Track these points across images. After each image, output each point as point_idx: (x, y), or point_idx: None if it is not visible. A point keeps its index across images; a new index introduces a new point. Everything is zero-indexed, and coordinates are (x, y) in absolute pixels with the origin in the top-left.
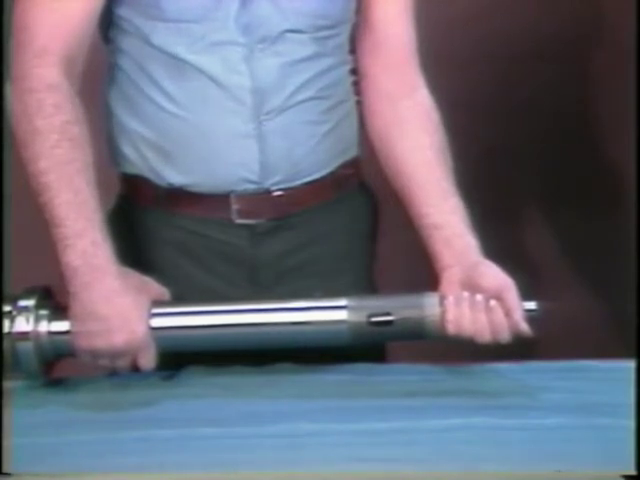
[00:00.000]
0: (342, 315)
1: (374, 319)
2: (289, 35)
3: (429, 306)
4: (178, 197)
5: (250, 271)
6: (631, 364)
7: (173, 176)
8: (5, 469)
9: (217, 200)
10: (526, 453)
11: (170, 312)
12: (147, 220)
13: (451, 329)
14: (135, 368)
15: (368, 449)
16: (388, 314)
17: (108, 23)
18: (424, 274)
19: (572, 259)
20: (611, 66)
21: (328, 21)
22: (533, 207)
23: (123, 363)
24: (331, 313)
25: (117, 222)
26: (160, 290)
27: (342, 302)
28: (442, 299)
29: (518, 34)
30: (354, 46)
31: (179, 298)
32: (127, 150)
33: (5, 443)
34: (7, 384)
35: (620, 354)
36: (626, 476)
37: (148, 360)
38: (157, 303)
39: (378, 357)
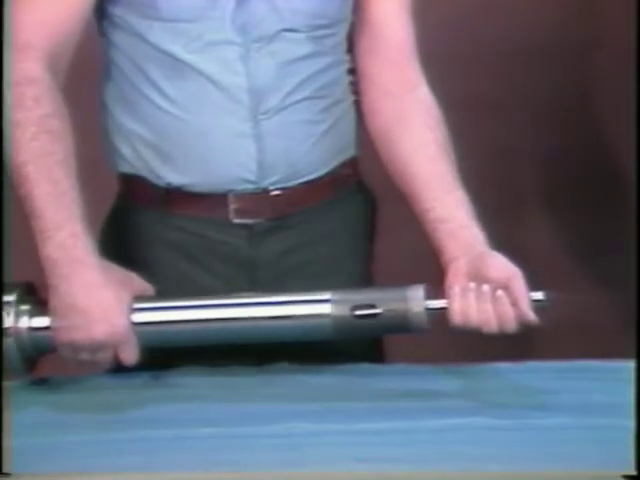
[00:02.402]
0: (326, 309)
1: (358, 312)
2: (285, 34)
3: (413, 299)
4: (176, 197)
5: (249, 271)
6: (631, 364)
7: (171, 176)
8: (5, 469)
9: (215, 200)
10: (526, 453)
11: (152, 307)
12: (145, 220)
13: (457, 319)
14: (117, 364)
15: (368, 449)
16: (372, 307)
17: (103, 19)
18: (425, 273)
19: (572, 259)
20: (611, 66)
21: (325, 20)
22: (532, 206)
23: (104, 357)
24: (315, 307)
25: (116, 222)
26: (143, 285)
27: (326, 296)
28: (448, 290)
29: (519, 34)
30: (352, 45)
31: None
32: (124, 150)
33: (5, 443)
34: (7, 384)
35: (620, 354)
36: (626, 476)
37: (130, 355)
38: (140, 298)
39: (378, 357)
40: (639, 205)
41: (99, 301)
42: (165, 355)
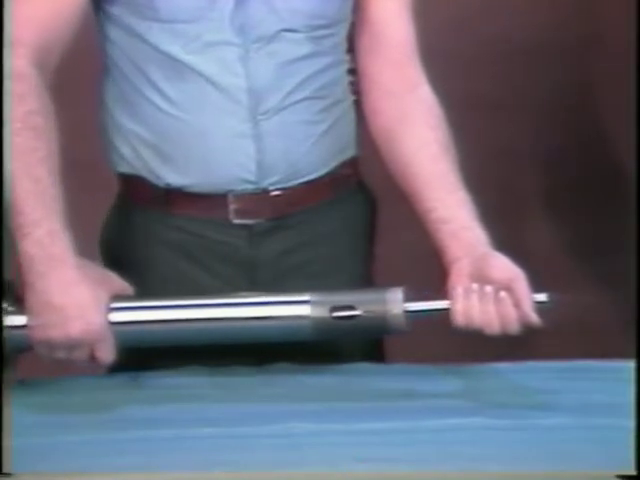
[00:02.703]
0: (305, 310)
1: (337, 314)
2: (284, 35)
3: (392, 301)
4: (176, 197)
5: (249, 271)
6: (631, 364)
7: (171, 176)
8: (5, 469)
9: (215, 200)
10: (526, 453)
11: (130, 307)
12: (145, 220)
13: (460, 320)
14: (94, 363)
15: (368, 449)
16: (351, 309)
17: (102, 16)
18: (425, 274)
19: (572, 259)
20: (611, 66)
21: (324, 20)
22: (533, 206)
23: (80, 355)
24: (294, 308)
25: (116, 222)
26: (122, 285)
27: (305, 297)
28: (451, 291)
29: (519, 34)
30: (352, 45)
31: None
32: (124, 150)
33: (5, 443)
34: (7, 384)
35: (620, 354)
36: (625, 476)
37: (106, 353)
38: (118, 297)
39: (378, 357)
40: (639, 205)
41: (75, 299)
42: (163, 355)
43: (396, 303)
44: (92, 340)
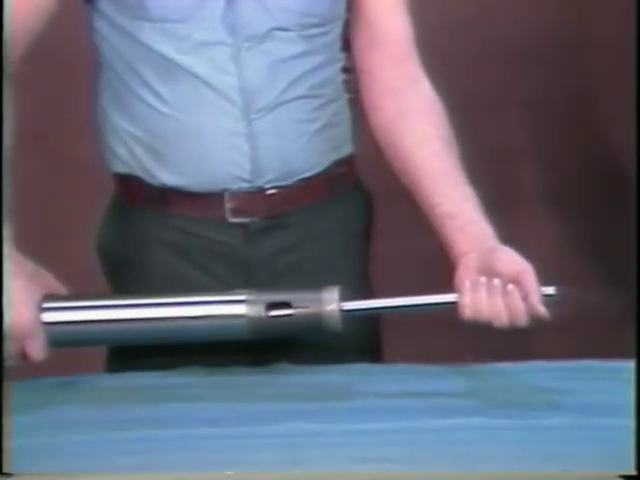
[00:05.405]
0: (241, 309)
1: (273, 312)
2: (276, 33)
3: (328, 300)
4: (172, 197)
5: (245, 270)
6: (631, 364)
7: (166, 176)
8: (5, 469)
9: (211, 199)
10: (526, 453)
11: (63, 306)
12: (141, 220)
13: (468, 314)
14: (25, 359)
15: (368, 449)
16: (287, 307)
17: (95, 15)
18: (424, 273)
19: (571, 259)
20: (612, 65)
21: (316, 19)
22: (532, 206)
23: (10, 350)
24: (230, 307)
25: (112, 222)
26: (55, 284)
27: (241, 296)
28: (459, 284)
29: (519, 34)
30: (349, 43)
31: None
32: (119, 150)
33: (5, 443)
34: (7, 384)
35: (620, 354)
36: (626, 476)
37: (36, 349)
38: (51, 297)
39: (376, 357)
40: (639, 205)
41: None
42: (159, 354)
43: (332, 301)
44: (21, 334)
